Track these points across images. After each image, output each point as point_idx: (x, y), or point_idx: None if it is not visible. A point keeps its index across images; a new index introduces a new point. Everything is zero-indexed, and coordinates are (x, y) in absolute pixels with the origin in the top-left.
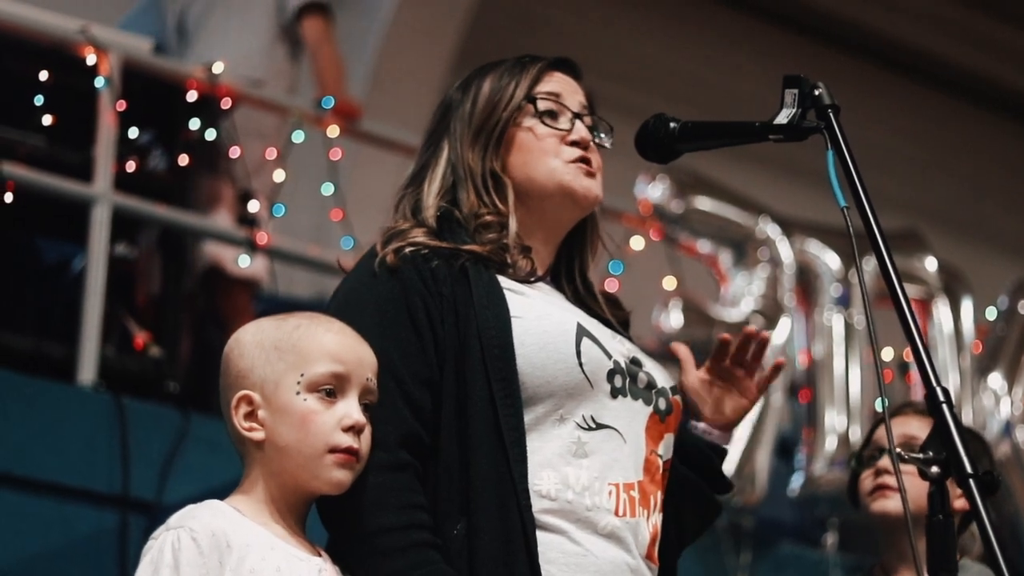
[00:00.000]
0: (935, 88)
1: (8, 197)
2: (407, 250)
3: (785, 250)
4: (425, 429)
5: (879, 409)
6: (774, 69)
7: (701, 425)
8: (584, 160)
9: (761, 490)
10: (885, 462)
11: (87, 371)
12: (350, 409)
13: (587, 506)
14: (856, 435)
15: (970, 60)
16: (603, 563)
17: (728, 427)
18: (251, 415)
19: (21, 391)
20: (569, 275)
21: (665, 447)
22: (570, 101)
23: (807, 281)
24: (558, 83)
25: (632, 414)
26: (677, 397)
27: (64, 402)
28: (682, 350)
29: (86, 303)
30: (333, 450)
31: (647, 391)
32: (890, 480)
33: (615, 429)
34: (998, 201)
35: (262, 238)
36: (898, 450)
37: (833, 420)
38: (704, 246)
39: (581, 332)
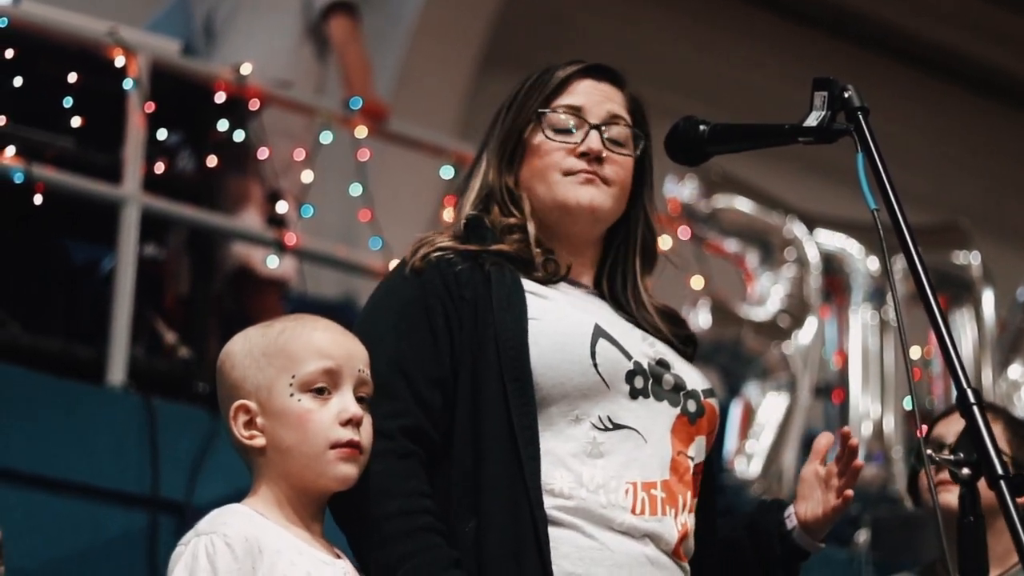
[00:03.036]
0: (958, 84)
1: (38, 199)
2: (433, 255)
3: (812, 250)
4: (433, 426)
5: (907, 407)
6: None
7: (795, 522)
8: (587, 171)
9: (788, 489)
10: None
11: (116, 372)
12: (346, 403)
13: (601, 504)
14: (889, 428)
15: (993, 56)
16: (619, 556)
17: (813, 532)
18: (250, 423)
19: (51, 393)
20: (611, 282)
21: (696, 449)
22: (593, 111)
23: (840, 278)
24: (584, 93)
25: (654, 415)
26: (712, 400)
27: (94, 403)
28: (822, 441)
29: (115, 304)
30: (335, 446)
31: (674, 393)
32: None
33: (634, 429)
34: (1020, 197)
35: (291, 239)
36: (929, 452)
37: (868, 417)
38: (731, 245)
39: (598, 333)
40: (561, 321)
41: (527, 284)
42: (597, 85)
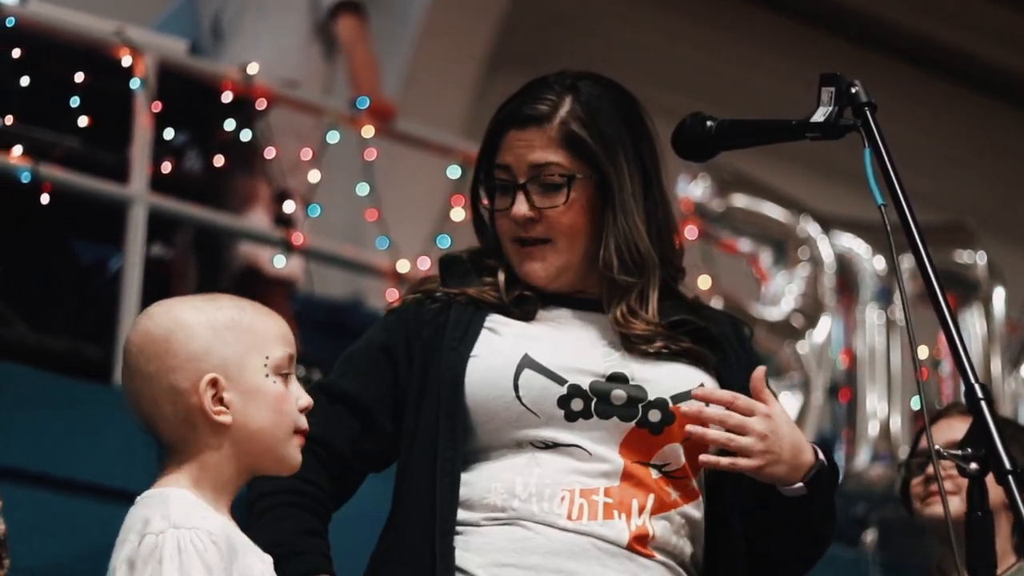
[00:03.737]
0: (963, 84)
1: (44, 198)
2: (409, 298)
3: (826, 249)
4: (334, 437)
5: (915, 408)
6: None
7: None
8: (520, 240)
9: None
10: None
11: None
12: (302, 391)
13: (534, 512)
14: (896, 428)
15: (998, 56)
16: (556, 544)
17: (784, 481)
18: (214, 399)
19: (58, 392)
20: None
21: (665, 457)
22: (520, 168)
23: (847, 277)
24: (509, 148)
25: (598, 433)
26: (683, 405)
27: (101, 403)
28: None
29: (122, 304)
30: (297, 431)
31: (626, 407)
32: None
33: (577, 446)
34: None
35: (298, 238)
36: (937, 447)
37: (874, 415)
38: (745, 245)
39: (524, 364)
40: (494, 356)
41: (491, 319)
42: (520, 134)
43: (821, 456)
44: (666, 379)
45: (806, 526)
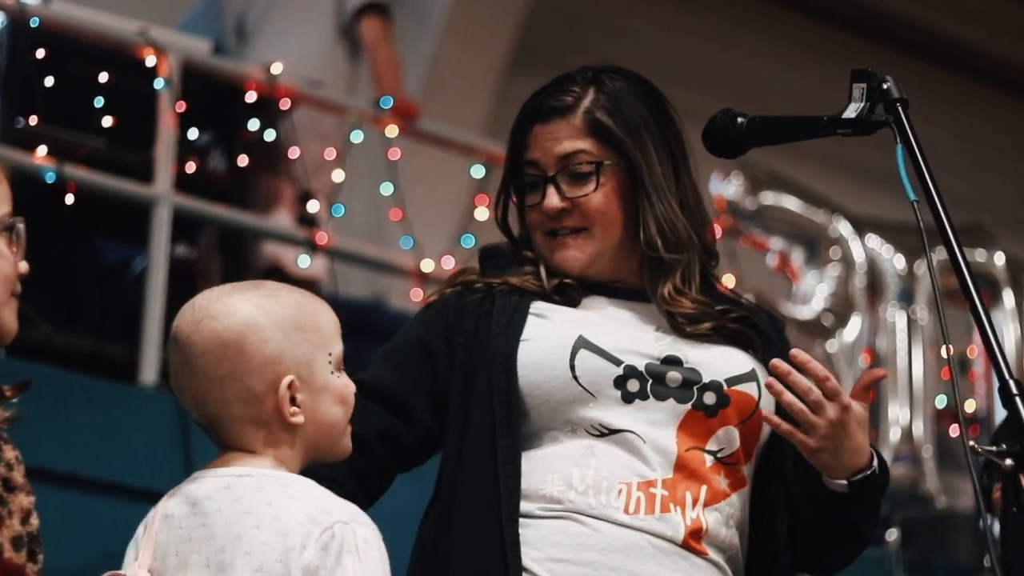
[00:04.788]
0: (984, 83)
1: (69, 199)
2: (448, 291)
3: (857, 249)
4: (365, 434)
5: (939, 406)
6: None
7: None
8: (551, 232)
9: None
10: None
11: (149, 372)
12: (349, 381)
13: (591, 504)
14: (919, 431)
15: (1020, 55)
16: (612, 540)
17: (830, 471)
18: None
19: (83, 392)
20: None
21: (719, 442)
22: (548, 161)
23: (871, 278)
24: (536, 143)
25: (655, 415)
26: (742, 387)
27: (126, 403)
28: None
29: (147, 304)
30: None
31: (682, 389)
32: None
33: (630, 431)
34: None
35: (322, 238)
36: (972, 443)
37: (896, 416)
38: (776, 243)
39: (579, 345)
40: (546, 339)
41: (536, 306)
42: (545, 127)
43: (876, 464)
44: (718, 362)
45: (846, 522)
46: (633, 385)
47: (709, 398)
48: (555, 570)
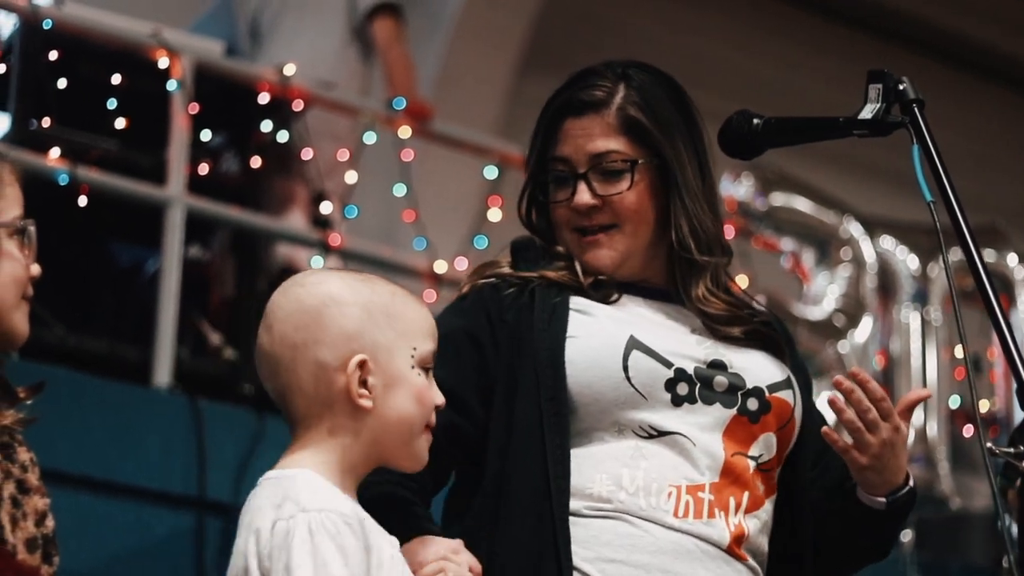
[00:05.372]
0: (996, 83)
1: (82, 201)
2: (480, 283)
3: (868, 250)
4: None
5: (953, 407)
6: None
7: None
8: (580, 230)
9: None
10: None
11: (162, 374)
12: (437, 389)
13: (641, 507)
14: (933, 432)
15: None
16: (663, 543)
17: (864, 484)
18: (359, 380)
19: (97, 394)
20: (676, 281)
21: (760, 448)
22: (579, 158)
23: (884, 279)
24: (568, 138)
25: (703, 419)
26: (782, 394)
27: (140, 405)
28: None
29: (161, 306)
30: (427, 427)
31: (728, 394)
32: None
33: (680, 434)
34: None
35: (335, 239)
36: (989, 445)
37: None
38: (787, 244)
39: (631, 345)
40: (595, 337)
41: (575, 301)
42: (577, 123)
43: (911, 483)
44: (759, 368)
45: (878, 538)
46: (683, 388)
47: (752, 404)
48: (607, 570)
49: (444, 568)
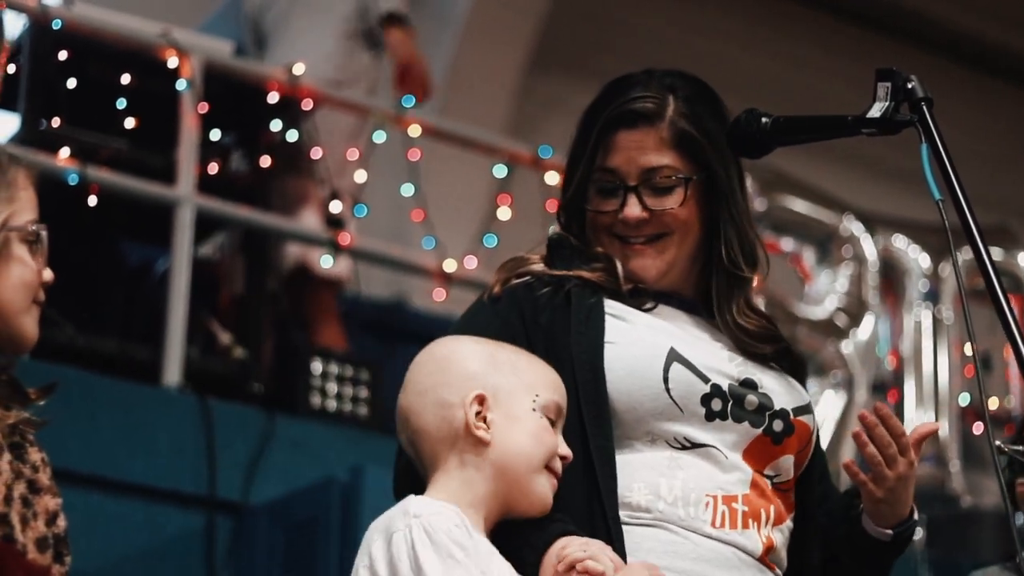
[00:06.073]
0: (1003, 80)
1: (92, 200)
2: (513, 282)
3: (869, 247)
4: None
5: (963, 404)
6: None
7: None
8: (631, 237)
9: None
10: None
11: (172, 373)
12: (564, 445)
13: (680, 516)
14: (944, 431)
15: None
16: (703, 551)
17: (873, 515)
18: (477, 416)
19: (107, 394)
20: (709, 296)
21: (777, 468)
22: (629, 171)
23: (894, 278)
24: (619, 150)
25: (730, 436)
26: (804, 418)
27: (150, 404)
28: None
29: (170, 305)
30: (550, 469)
31: (757, 414)
32: None
33: (712, 446)
34: None
35: (344, 238)
36: (997, 442)
37: (921, 415)
38: (787, 244)
39: (672, 357)
40: (635, 345)
41: (610, 305)
42: (630, 135)
43: (915, 516)
44: (785, 391)
45: (878, 564)
46: (716, 404)
47: (778, 425)
48: None
49: (589, 553)
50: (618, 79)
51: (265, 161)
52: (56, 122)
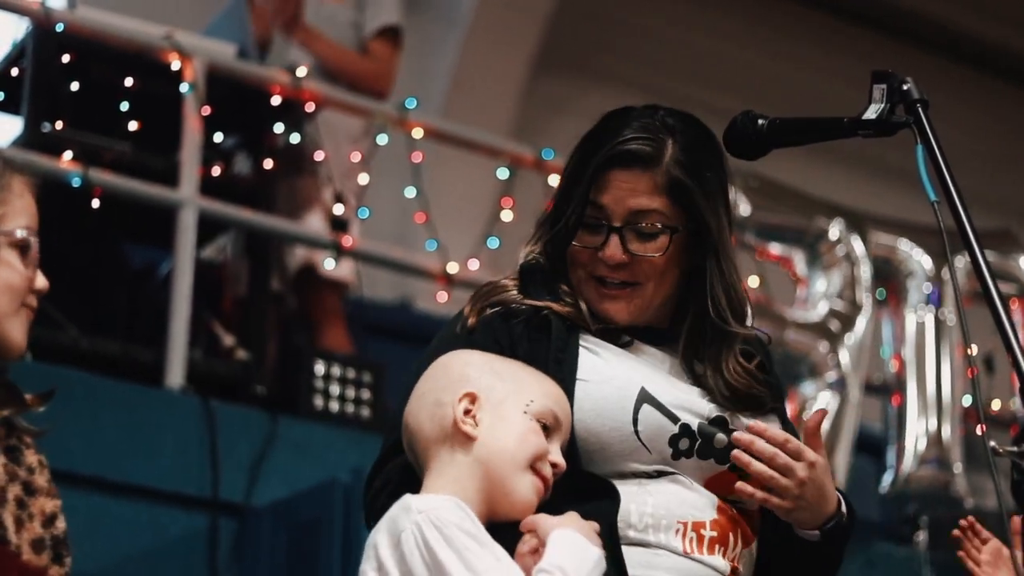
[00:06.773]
0: (1003, 79)
1: (95, 203)
2: (488, 312)
3: (859, 248)
4: None
5: (966, 406)
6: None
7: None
8: (599, 279)
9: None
10: None
11: (175, 375)
12: (559, 455)
13: (650, 541)
14: (947, 433)
15: None
16: (679, 562)
17: (803, 524)
18: (467, 413)
19: (110, 395)
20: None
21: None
22: (616, 211)
23: (897, 281)
24: (609, 188)
25: (695, 470)
26: (738, 433)
27: (153, 406)
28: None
29: (173, 307)
30: (535, 470)
31: (723, 451)
32: None
33: (681, 475)
34: None
35: (347, 241)
36: (993, 444)
37: (924, 418)
38: (776, 249)
39: (642, 398)
40: (605, 384)
41: (585, 339)
42: (623, 175)
43: (843, 508)
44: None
45: (818, 567)
46: (684, 444)
47: None
48: None
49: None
50: (618, 111)
51: (268, 164)
52: (59, 125)
